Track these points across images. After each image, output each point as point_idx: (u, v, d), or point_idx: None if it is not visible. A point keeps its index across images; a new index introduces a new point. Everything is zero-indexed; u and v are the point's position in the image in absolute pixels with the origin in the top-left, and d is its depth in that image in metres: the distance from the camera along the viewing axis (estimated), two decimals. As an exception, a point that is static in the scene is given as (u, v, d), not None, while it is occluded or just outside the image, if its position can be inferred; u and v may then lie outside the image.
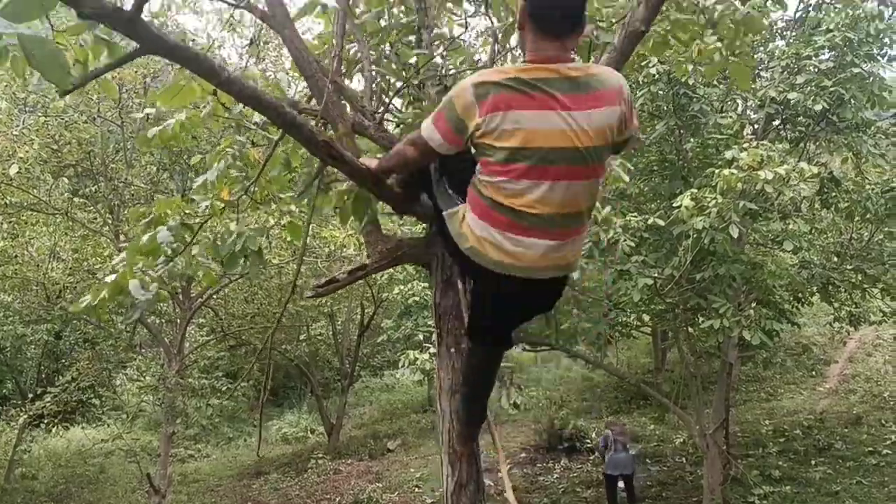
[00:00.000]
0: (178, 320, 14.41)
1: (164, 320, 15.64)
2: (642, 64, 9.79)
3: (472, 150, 2.36)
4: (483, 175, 2.32)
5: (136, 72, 11.88)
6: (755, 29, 3.95)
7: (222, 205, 3.27)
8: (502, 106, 2.17)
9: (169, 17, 12.57)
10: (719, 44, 3.97)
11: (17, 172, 10.75)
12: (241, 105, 3.23)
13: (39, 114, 12.09)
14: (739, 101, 12.05)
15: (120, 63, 2.15)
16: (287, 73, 4.67)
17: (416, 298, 15.01)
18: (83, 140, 12.35)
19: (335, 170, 2.82)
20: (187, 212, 3.30)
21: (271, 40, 12.64)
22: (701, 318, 11.24)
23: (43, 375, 18.86)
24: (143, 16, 1.95)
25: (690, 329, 12.54)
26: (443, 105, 2.31)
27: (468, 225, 2.43)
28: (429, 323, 14.06)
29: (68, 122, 11.88)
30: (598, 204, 9.35)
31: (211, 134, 10.17)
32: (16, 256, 13.98)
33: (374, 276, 6.70)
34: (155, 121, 3.27)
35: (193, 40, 11.88)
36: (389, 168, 2.74)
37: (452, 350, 3.16)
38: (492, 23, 4.22)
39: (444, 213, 2.57)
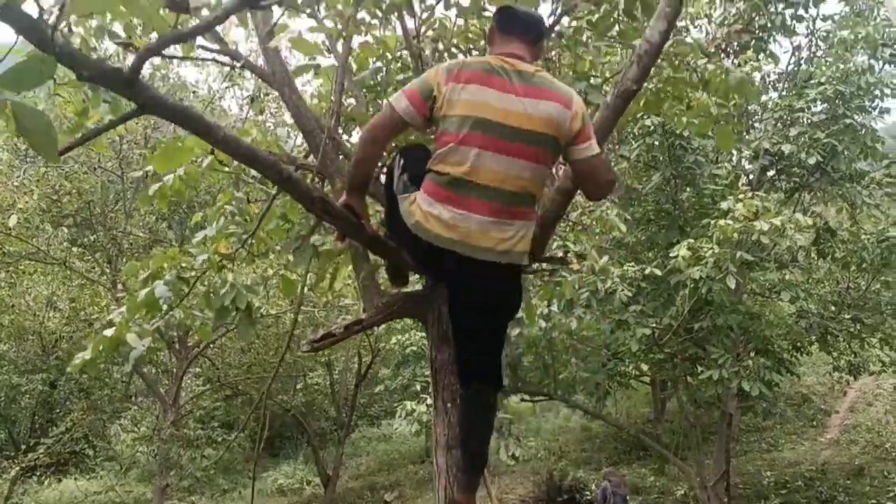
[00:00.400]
0: (175, 370, 14.32)
1: (160, 370, 15.54)
2: (637, 115, 9.93)
3: (434, 129, 2.57)
4: (435, 153, 2.52)
5: (136, 122, 12.02)
6: (745, 93, 4.02)
7: (219, 258, 3.29)
8: (463, 80, 2.47)
9: (170, 69, 12.77)
10: (712, 101, 4.04)
11: (17, 223, 10.79)
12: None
13: (40, 164, 12.18)
14: (734, 153, 12.18)
15: (117, 123, 2.20)
16: (287, 127, 4.74)
17: (414, 348, 14.94)
18: (83, 190, 12.44)
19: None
20: (184, 265, 3.31)
21: (272, 92, 12.81)
22: (700, 368, 11.20)
23: (37, 426, 18.64)
24: (142, 73, 2.01)
25: (689, 379, 12.47)
26: (415, 80, 2.58)
27: (417, 203, 2.55)
28: (426, 373, 13.98)
29: (69, 173, 11.99)
30: (594, 253, 9.46)
31: (210, 184, 10.24)
32: (13, 306, 13.96)
33: (371, 326, 6.67)
34: (154, 177, 3.30)
35: (195, 92, 12.05)
36: (359, 172, 2.67)
37: (449, 405, 3.14)
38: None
39: (398, 196, 2.67)
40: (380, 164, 2.97)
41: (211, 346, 14.80)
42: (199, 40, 3.50)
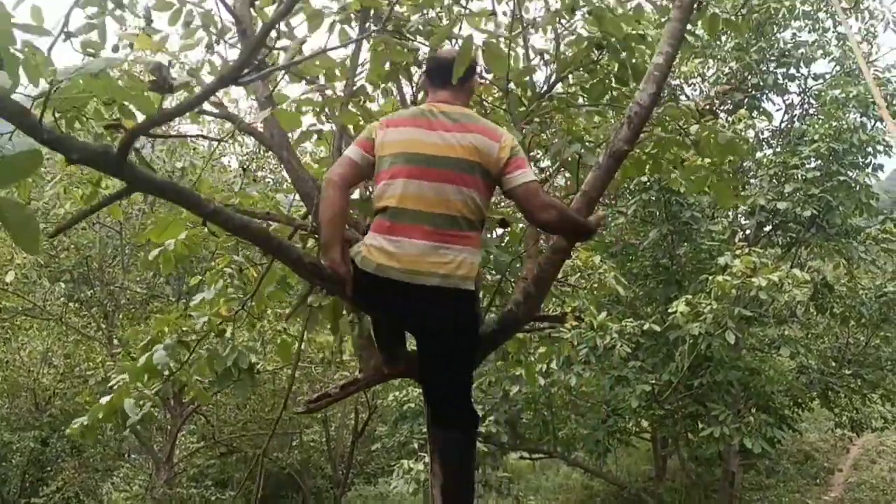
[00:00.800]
0: (169, 427, 14.13)
1: (153, 427, 15.34)
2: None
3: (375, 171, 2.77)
4: (375, 191, 2.75)
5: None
6: (735, 152, 4.07)
7: (220, 321, 3.29)
8: (393, 125, 2.77)
9: (171, 127, 12.89)
10: (705, 161, 4.08)
11: (14, 278, 10.78)
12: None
13: (40, 219, 12.22)
14: (730, 210, 12.27)
15: (106, 204, 2.25)
16: (287, 183, 4.78)
17: (412, 405, 14.76)
18: (81, 245, 12.46)
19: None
20: (185, 328, 3.31)
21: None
22: (701, 425, 11.09)
23: (27, 484, 18.28)
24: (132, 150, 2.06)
25: (691, 436, 12.33)
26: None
27: (361, 243, 2.73)
28: (424, 430, 13.81)
29: (70, 233, 12.01)
30: (592, 309, 9.43)
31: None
32: (7, 362, 13.84)
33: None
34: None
35: (195, 148, 12.16)
36: (326, 224, 2.70)
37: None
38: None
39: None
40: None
41: (206, 402, 14.63)
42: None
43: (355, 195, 3.30)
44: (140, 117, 2.21)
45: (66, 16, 2.34)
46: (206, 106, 3.53)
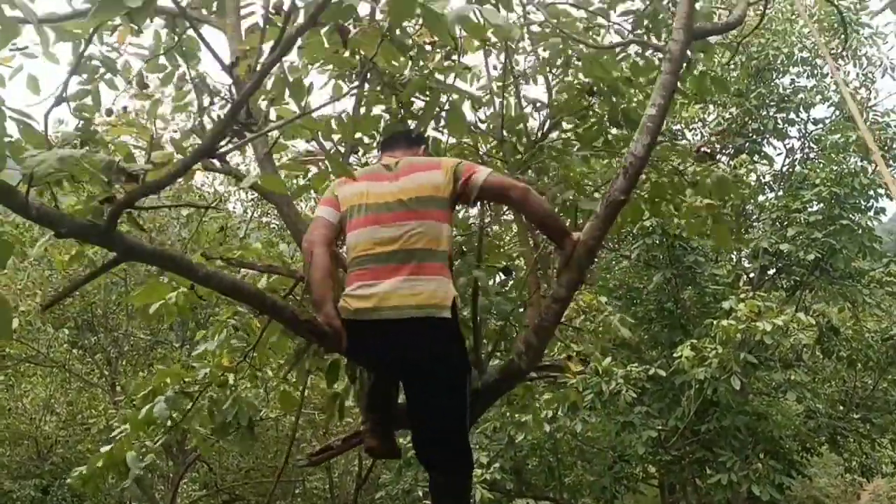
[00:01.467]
0: (171, 475, 13.99)
1: (156, 474, 15.18)
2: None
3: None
4: (346, 245, 2.88)
5: (143, 227, 12.15)
6: (727, 192, 4.10)
7: (221, 372, 3.30)
8: (347, 184, 2.91)
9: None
10: (703, 202, 4.11)
11: (19, 325, 10.79)
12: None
13: (44, 266, 12.27)
14: (734, 252, 12.29)
15: (98, 274, 2.30)
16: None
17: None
18: (86, 292, 12.47)
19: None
20: (187, 379, 3.32)
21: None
22: (709, 471, 10.95)
23: (27, 534, 18.05)
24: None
25: (698, 482, 12.16)
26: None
27: (342, 295, 2.81)
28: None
29: (72, 276, 12.04)
30: (597, 353, 9.39)
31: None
32: (9, 409, 13.77)
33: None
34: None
35: (201, 196, 12.26)
36: (315, 283, 2.77)
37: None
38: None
39: None
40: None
41: (209, 449, 14.50)
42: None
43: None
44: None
45: (65, 83, 2.40)
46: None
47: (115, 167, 2.00)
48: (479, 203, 3.32)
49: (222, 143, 2.12)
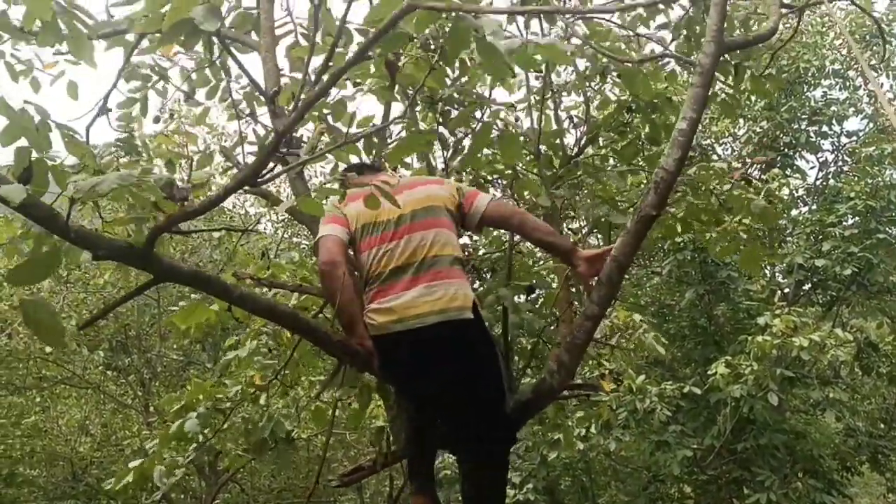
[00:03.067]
0: (203, 496, 14.03)
1: (188, 496, 15.24)
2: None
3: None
4: (358, 264, 2.89)
5: (174, 248, 12.30)
6: (770, 221, 4.03)
7: (254, 390, 3.31)
8: (352, 202, 2.87)
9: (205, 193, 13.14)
10: (739, 225, 4.05)
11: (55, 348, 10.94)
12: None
13: (79, 289, 12.44)
14: (767, 268, 12.11)
15: (135, 294, 2.33)
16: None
17: (448, 472, 14.52)
18: (120, 314, 12.62)
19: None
20: (219, 396, 3.33)
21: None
22: (746, 491, 10.74)
23: (62, 554, 18.19)
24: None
25: (736, 502, 11.93)
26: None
27: (365, 314, 2.81)
28: (460, 497, 13.53)
29: (107, 298, 12.20)
30: (630, 371, 9.27)
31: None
32: (45, 431, 13.94)
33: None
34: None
35: (232, 219, 12.39)
36: (341, 307, 2.76)
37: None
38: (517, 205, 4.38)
39: None
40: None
41: (241, 469, 14.53)
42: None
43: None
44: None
45: (107, 94, 2.44)
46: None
47: (174, 186, 2.03)
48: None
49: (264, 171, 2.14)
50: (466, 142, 4.06)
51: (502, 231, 4.45)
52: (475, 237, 4.21)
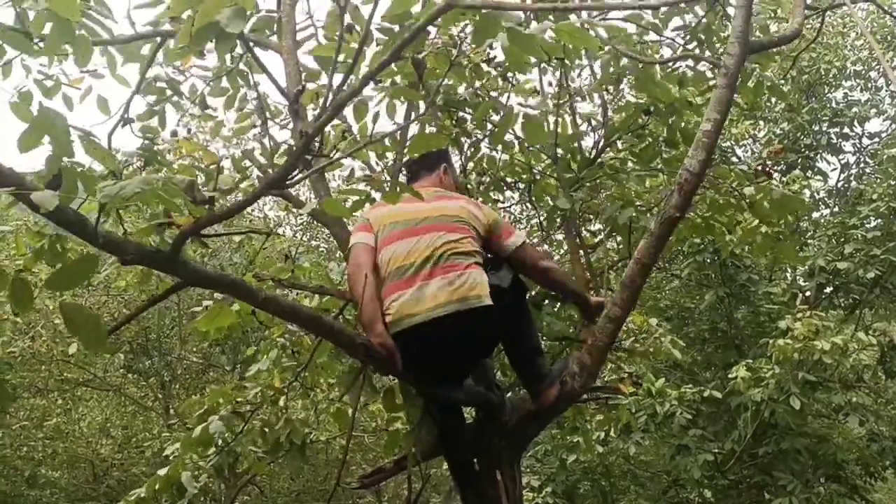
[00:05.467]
0: (223, 498, 14.10)
1: (208, 499, 15.32)
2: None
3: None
4: (378, 263, 2.93)
5: (194, 252, 12.38)
6: (793, 209, 4.00)
7: (273, 393, 3.32)
8: (378, 208, 3.09)
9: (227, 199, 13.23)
10: (762, 226, 4.02)
11: (77, 350, 11.03)
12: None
13: (101, 293, 12.55)
14: (788, 270, 12.01)
15: (161, 299, 2.35)
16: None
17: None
18: (141, 317, 12.72)
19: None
20: (239, 399, 3.35)
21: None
22: (768, 496, 10.64)
23: (84, 556, 18.34)
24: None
25: (757, 507, 11.84)
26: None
27: (384, 310, 2.86)
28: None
29: (128, 301, 12.31)
30: (650, 375, 9.20)
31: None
32: (67, 433, 14.07)
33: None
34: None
35: (251, 222, 12.45)
36: (364, 304, 2.82)
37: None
38: (535, 208, 4.37)
39: None
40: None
41: (260, 472, 14.59)
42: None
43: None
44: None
45: (127, 103, 2.46)
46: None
47: (196, 188, 2.05)
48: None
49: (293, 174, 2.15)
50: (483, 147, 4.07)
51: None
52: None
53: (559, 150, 3.98)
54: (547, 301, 3.73)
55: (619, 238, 4.58)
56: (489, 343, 3.08)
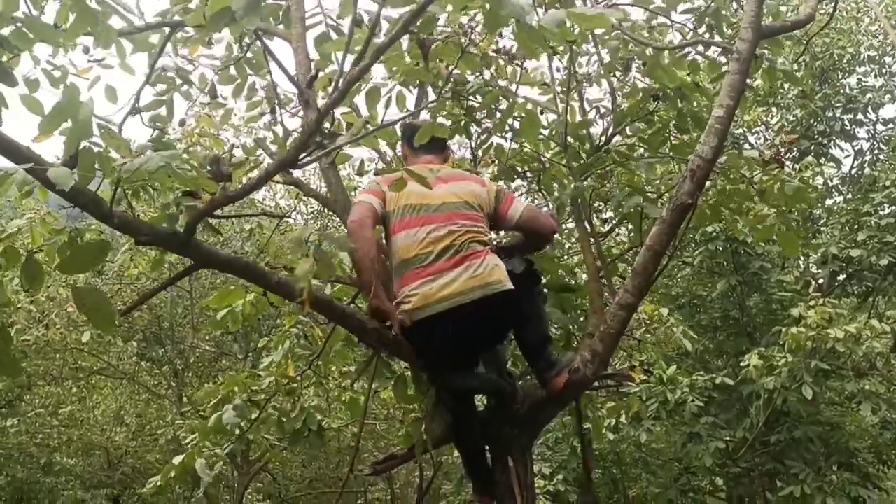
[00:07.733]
0: (236, 485, 14.21)
1: (222, 486, 15.44)
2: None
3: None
4: (392, 246, 2.96)
5: (206, 239, 12.41)
6: (804, 201, 3.98)
7: (287, 382, 3.35)
8: (391, 182, 2.88)
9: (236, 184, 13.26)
10: (771, 210, 3.99)
11: (90, 338, 11.12)
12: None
13: (114, 281, 12.63)
14: (801, 258, 11.95)
15: (174, 281, 2.37)
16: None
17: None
18: (153, 305, 12.80)
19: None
20: (253, 388, 3.38)
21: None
22: (779, 484, 10.63)
23: (99, 541, 18.53)
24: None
25: (769, 495, 11.82)
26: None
27: (403, 298, 2.87)
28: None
29: (141, 289, 12.37)
30: (661, 362, 9.18)
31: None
32: (82, 421, 14.19)
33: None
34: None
35: (264, 211, 12.45)
36: (363, 265, 2.84)
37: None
38: (545, 197, 4.35)
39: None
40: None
41: (273, 459, 14.69)
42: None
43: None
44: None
45: (138, 93, 2.47)
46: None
47: (220, 161, 2.06)
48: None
49: (304, 154, 2.15)
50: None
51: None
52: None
53: (569, 138, 3.97)
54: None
55: (630, 226, 4.57)
56: (506, 328, 3.11)
